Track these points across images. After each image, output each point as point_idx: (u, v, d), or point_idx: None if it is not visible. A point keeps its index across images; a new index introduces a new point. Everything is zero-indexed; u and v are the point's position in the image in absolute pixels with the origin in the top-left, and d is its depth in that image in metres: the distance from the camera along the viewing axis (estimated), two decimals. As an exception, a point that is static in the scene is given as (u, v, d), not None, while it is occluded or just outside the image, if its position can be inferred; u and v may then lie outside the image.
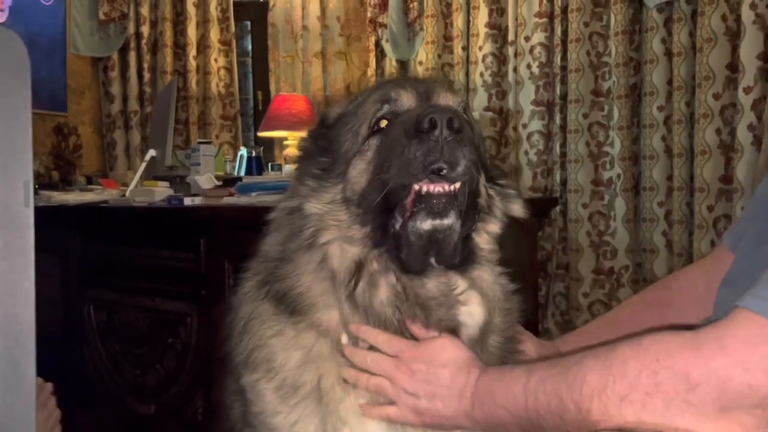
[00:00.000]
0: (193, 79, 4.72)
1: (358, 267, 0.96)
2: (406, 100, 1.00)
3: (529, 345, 1.17)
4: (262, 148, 3.81)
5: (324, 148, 1.04)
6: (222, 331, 2.23)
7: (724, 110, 3.28)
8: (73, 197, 2.79)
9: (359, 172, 0.97)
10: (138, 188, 2.69)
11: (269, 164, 3.82)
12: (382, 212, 0.94)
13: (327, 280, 0.98)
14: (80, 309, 2.72)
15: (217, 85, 4.80)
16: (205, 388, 2.29)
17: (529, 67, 4.01)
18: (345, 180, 0.98)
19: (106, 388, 2.65)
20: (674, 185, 3.48)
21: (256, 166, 3.52)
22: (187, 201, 2.36)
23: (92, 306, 2.71)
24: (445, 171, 0.89)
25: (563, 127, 3.91)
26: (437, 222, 0.91)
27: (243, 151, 3.74)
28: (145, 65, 4.64)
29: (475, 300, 1.00)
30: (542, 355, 1.16)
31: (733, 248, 1.19)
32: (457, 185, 0.90)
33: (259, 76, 5.05)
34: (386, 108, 0.98)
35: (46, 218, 2.07)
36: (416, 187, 0.90)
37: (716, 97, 3.29)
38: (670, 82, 3.50)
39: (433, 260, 0.96)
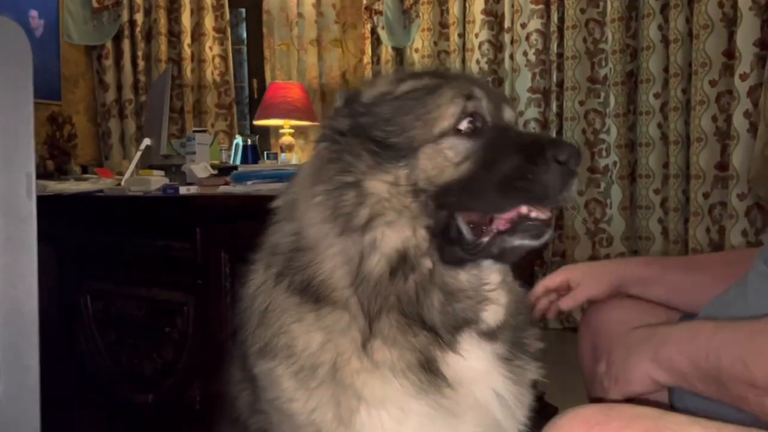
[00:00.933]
0: (187, 67, 4.69)
1: (403, 258, 0.94)
2: (486, 105, 0.97)
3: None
4: (257, 136, 3.80)
5: (370, 126, 0.97)
6: (219, 320, 2.23)
7: (720, 97, 3.28)
8: (68, 186, 2.78)
9: (437, 166, 0.93)
10: (133, 177, 2.68)
11: (265, 153, 3.82)
12: (456, 213, 0.94)
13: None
14: (76, 299, 2.72)
15: (212, 73, 4.77)
16: (202, 376, 2.29)
17: (525, 54, 4.00)
18: (413, 166, 0.93)
19: (104, 377, 2.65)
20: (670, 172, 3.48)
21: (251, 154, 3.52)
22: (183, 190, 2.35)
23: (88, 296, 2.71)
24: (556, 202, 0.92)
25: (559, 115, 3.91)
26: (532, 243, 0.94)
27: (238, 140, 3.73)
28: (140, 53, 4.61)
29: (502, 298, 1.00)
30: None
31: None
32: (551, 213, 0.94)
33: (255, 63, 5.03)
34: (470, 106, 0.95)
35: (41, 208, 2.06)
36: (525, 209, 0.92)
37: (712, 84, 3.29)
38: (666, 69, 3.49)
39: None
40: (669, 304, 1.29)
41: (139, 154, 2.89)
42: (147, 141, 2.95)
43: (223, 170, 2.65)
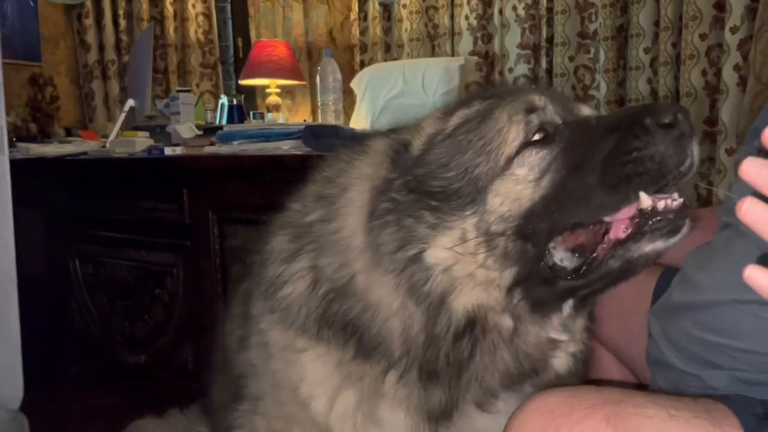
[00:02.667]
0: (170, 26, 4.59)
1: (472, 323, 0.83)
2: (554, 109, 0.83)
3: None
4: (243, 96, 3.75)
5: (426, 178, 0.84)
6: (208, 280, 2.23)
7: (711, 51, 3.25)
8: (51, 149, 2.74)
9: (511, 196, 0.79)
10: (118, 139, 2.64)
11: (251, 113, 3.77)
12: (543, 243, 0.79)
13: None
14: (65, 262, 2.71)
15: (196, 32, 4.67)
16: (194, 336, 2.31)
17: (514, 9, 3.93)
18: (482, 211, 0.80)
19: (96, 340, 2.66)
20: (659, 128, 3.48)
21: (237, 114, 3.47)
22: (168, 151, 2.32)
23: (77, 259, 2.70)
24: (680, 176, 0.73)
25: (549, 71, 3.87)
26: (667, 242, 0.75)
27: (224, 100, 3.68)
28: (121, 12, 4.50)
29: (572, 348, 0.91)
30: None
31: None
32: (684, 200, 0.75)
33: (239, 22, 4.92)
34: (536, 119, 0.81)
35: (26, 171, 2.03)
36: (646, 201, 0.73)
37: (703, 37, 3.26)
38: (657, 23, 3.45)
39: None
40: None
41: (123, 115, 2.85)
42: (131, 102, 2.91)
43: (209, 131, 2.62)
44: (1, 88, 0.97)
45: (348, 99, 3.91)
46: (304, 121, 4.21)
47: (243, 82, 4.34)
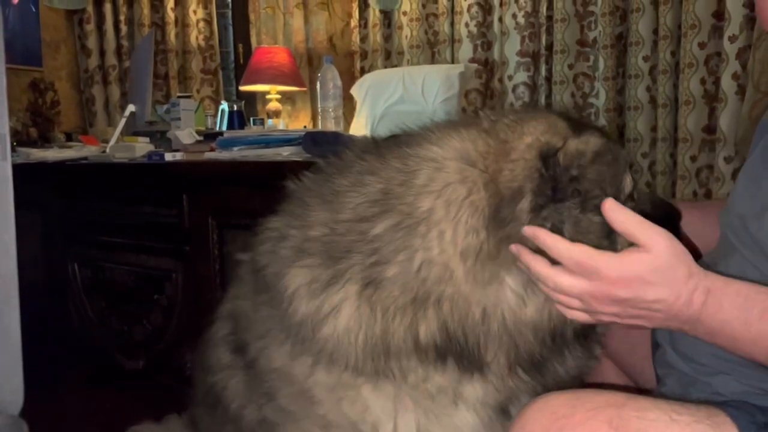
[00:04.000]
0: (171, 31, 4.60)
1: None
2: None
3: None
4: (243, 102, 3.76)
5: (574, 187, 0.88)
6: (207, 286, 2.23)
7: (709, 59, 3.27)
8: (52, 154, 2.74)
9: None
10: (118, 144, 2.65)
11: (251, 119, 3.78)
12: None
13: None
14: (65, 266, 2.72)
15: (197, 38, 4.69)
16: (192, 342, 2.31)
17: (514, 17, 3.95)
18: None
19: (94, 344, 2.66)
20: (658, 136, 3.48)
21: (237, 120, 3.49)
22: (168, 156, 2.33)
23: (77, 263, 2.70)
24: None
25: (548, 78, 3.88)
26: None
27: (224, 106, 3.69)
28: (122, 18, 4.51)
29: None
30: None
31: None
32: None
33: (240, 28, 4.94)
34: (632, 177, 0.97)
35: (26, 176, 2.04)
36: None
37: (701, 46, 3.27)
38: (656, 32, 3.47)
39: None
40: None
41: (123, 120, 2.86)
42: (131, 107, 2.92)
43: (209, 136, 2.63)
44: (4, 96, 0.98)
45: (348, 105, 3.92)
46: (305, 127, 4.22)
47: (243, 88, 4.35)
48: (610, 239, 0.85)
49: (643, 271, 0.80)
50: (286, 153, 2.05)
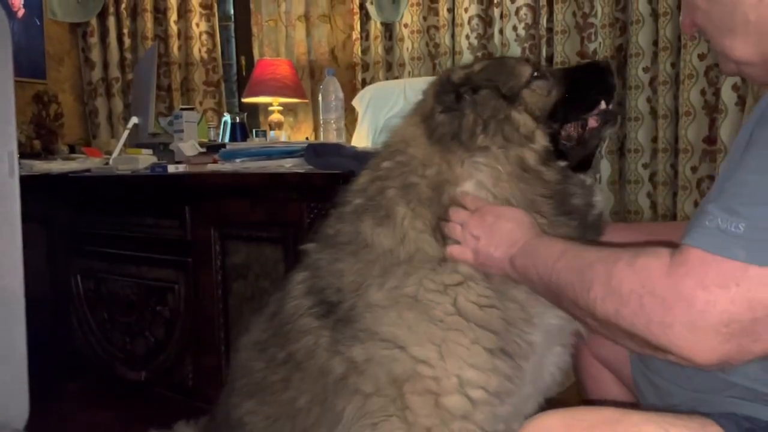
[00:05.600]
0: (174, 44, 4.64)
1: (549, 153, 1.18)
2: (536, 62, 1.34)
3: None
4: (246, 114, 3.78)
5: (485, 83, 1.22)
6: (209, 297, 2.24)
7: (709, 71, 3.28)
8: (55, 166, 2.76)
9: (535, 96, 1.20)
10: (121, 156, 2.66)
11: (254, 130, 3.80)
12: (560, 124, 1.20)
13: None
14: (67, 278, 2.72)
15: (200, 51, 4.72)
16: (194, 354, 2.31)
17: (515, 29, 3.97)
18: (521, 101, 1.19)
19: (96, 356, 2.66)
20: (659, 147, 3.49)
21: (240, 132, 3.50)
22: (171, 168, 2.34)
23: (79, 275, 2.71)
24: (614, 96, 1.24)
25: (549, 90, 3.90)
26: (614, 128, 1.25)
27: (227, 118, 3.71)
28: (125, 31, 4.55)
29: (598, 194, 1.25)
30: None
31: None
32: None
33: (242, 40, 4.97)
34: (534, 65, 1.24)
35: (29, 188, 2.05)
36: (602, 105, 1.21)
37: (701, 57, 3.29)
38: (655, 43, 3.49)
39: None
40: None
41: (126, 132, 2.87)
42: (134, 119, 2.93)
43: (212, 148, 2.64)
44: (12, 113, 0.99)
45: (350, 117, 3.95)
46: (306, 138, 4.24)
47: (246, 99, 4.38)
48: (506, 119, 1.18)
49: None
50: (288, 165, 2.06)
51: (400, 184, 1.18)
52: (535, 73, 1.22)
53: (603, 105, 1.22)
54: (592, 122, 1.22)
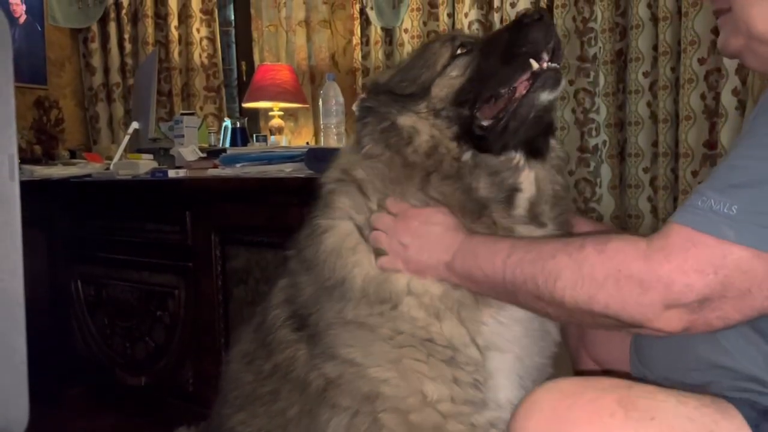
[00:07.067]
0: (175, 49, 4.65)
1: (435, 149, 1.13)
2: (468, 36, 1.21)
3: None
4: (246, 119, 3.78)
5: (391, 89, 1.20)
6: (210, 302, 2.24)
7: (709, 75, 3.28)
8: (56, 171, 2.76)
9: (445, 86, 1.14)
10: (122, 161, 2.67)
11: (254, 135, 3.79)
12: (471, 109, 1.12)
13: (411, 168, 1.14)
14: (68, 283, 2.72)
15: (200, 56, 4.73)
16: (195, 358, 2.31)
17: (514, 33, 3.98)
18: (428, 98, 1.15)
19: (96, 361, 2.66)
20: (659, 151, 3.49)
21: (240, 137, 3.50)
22: (172, 173, 2.34)
23: (80, 280, 2.71)
24: (554, 49, 1.08)
25: (549, 94, 3.90)
26: (553, 92, 1.09)
27: (227, 123, 3.71)
28: (126, 36, 4.56)
29: (532, 174, 1.14)
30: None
31: None
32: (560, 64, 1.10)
33: (243, 46, 4.98)
34: (457, 41, 1.17)
35: (30, 193, 2.05)
36: (535, 65, 1.07)
37: (701, 62, 3.29)
38: (655, 48, 3.49)
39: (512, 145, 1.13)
40: None
41: (127, 138, 2.88)
42: (135, 125, 2.94)
43: (212, 153, 2.64)
44: (12, 117, 0.99)
45: (350, 122, 3.94)
46: (307, 143, 4.24)
47: (246, 105, 4.38)
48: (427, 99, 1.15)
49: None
50: (288, 170, 2.06)
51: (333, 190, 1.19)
52: (458, 51, 1.16)
53: (534, 65, 1.07)
54: (521, 89, 1.08)
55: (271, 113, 4.31)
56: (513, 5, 3.96)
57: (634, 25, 3.54)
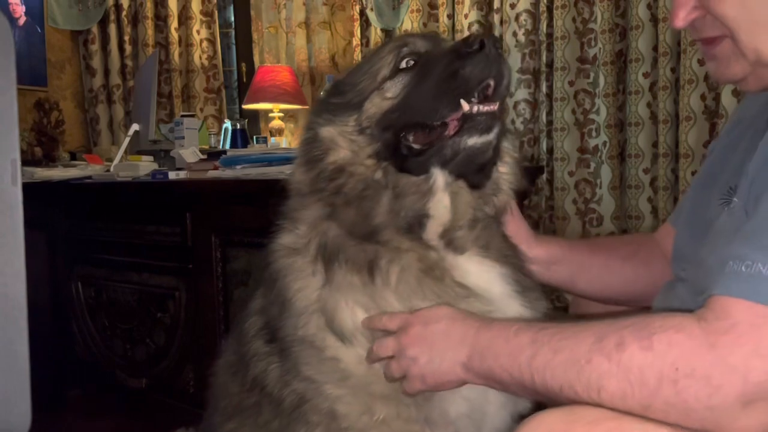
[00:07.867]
0: (175, 51, 4.65)
1: (341, 170, 1.08)
2: (421, 44, 1.10)
3: (524, 243, 1.23)
4: (246, 120, 3.78)
5: (331, 97, 1.16)
6: (210, 304, 2.24)
7: (709, 76, 3.28)
8: (56, 173, 2.76)
9: (376, 105, 1.07)
10: (122, 163, 2.67)
11: (254, 137, 3.80)
12: (397, 134, 1.05)
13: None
14: (68, 285, 2.72)
15: (200, 57, 4.73)
16: (195, 360, 2.31)
17: (515, 34, 3.98)
18: (359, 113, 1.08)
19: (97, 363, 2.66)
20: (659, 152, 3.49)
21: (240, 138, 3.50)
22: (172, 175, 2.34)
23: (80, 282, 2.71)
24: (492, 87, 0.98)
25: (549, 95, 3.90)
26: (482, 138, 1.00)
27: (227, 124, 3.71)
28: (126, 38, 4.56)
29: (446, 198, 1.06)
30: (535, 255, 1.23)
31: (674, 223, 1.24)
32: (497, 106, 1.01)
33: (243, 47, 4.98)
34: (405, 50, 1.08)
35: (30, 195, 2.05)
36: (465, 107, 0.98)
37: (701, 62, 3.29)
38: (655, 48, 3.49)
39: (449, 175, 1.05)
40: (573, 283, 1.31)
41: (127, 139, 2.88)
42: (135, 126, 2.94)
43: (212, 155, 2.64)
44: (15, 121, 0.99)
45: (350, 123, 3.95)
46: (307, 145, 4.22)
47: (246, 106, 4.38)
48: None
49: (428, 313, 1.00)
50: (288, 171, 2.06)
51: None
52: (403, 64, 1.06)
53: (465, 106, 0.98)
54: (452, 127, 1.00)
55: (271, 115, 4.31)
56: (513, 6, 3.96)
57: (634, 25, 3.54)
